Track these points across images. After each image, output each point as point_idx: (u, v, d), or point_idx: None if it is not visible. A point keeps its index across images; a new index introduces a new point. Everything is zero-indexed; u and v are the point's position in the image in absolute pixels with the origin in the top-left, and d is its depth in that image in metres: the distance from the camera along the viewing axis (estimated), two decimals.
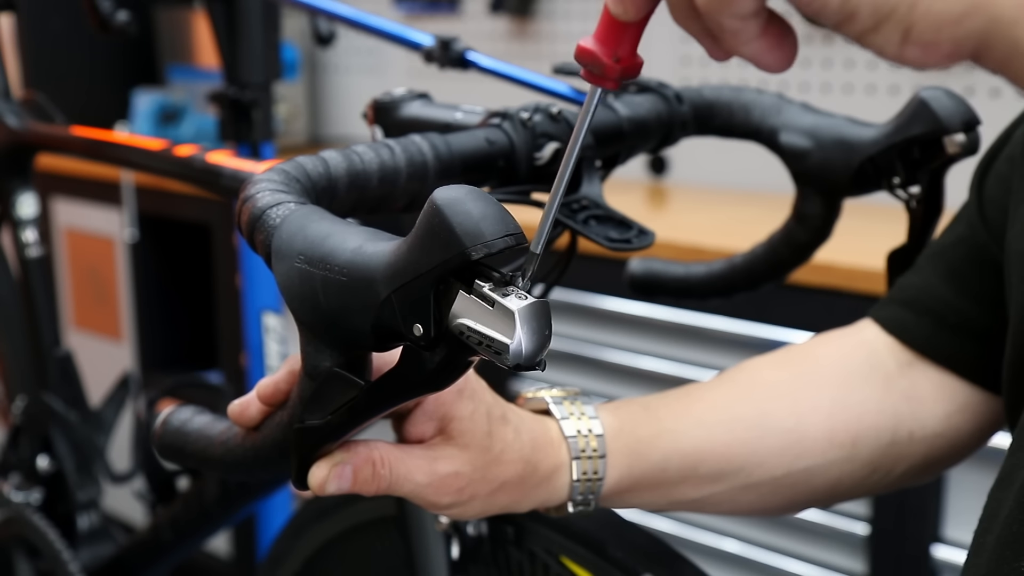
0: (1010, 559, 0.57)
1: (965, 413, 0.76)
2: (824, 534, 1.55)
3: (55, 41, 2.60)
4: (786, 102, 0.84)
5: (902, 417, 0.75)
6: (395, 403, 0.54)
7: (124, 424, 1.69)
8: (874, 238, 1.07)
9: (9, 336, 1.39)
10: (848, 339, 0.79)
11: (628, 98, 0.79)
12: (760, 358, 0.78)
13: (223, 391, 1.38)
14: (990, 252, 0.74)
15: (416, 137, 0.67)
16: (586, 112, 0.52)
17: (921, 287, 0.78)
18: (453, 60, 0.94)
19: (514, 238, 0.47)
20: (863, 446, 0.74)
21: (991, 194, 0.74)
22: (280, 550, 1.00)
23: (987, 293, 0.74)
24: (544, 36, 2.32)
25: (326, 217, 0.53)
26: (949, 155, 0.77)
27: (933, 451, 0.77)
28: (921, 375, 0.77)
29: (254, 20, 1.41)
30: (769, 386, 0.75)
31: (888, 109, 0.75)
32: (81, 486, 1.36)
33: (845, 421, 0.74)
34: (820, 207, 0.83)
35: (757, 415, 0.73)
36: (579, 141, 0.52)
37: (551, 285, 0.79)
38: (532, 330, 0.47)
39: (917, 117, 0.77)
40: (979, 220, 0.75)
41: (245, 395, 0.62)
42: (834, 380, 0.76)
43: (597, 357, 1.75)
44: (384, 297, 0.48)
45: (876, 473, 0.76)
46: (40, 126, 1.30)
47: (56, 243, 2.59)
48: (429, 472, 0.61)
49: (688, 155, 2.09)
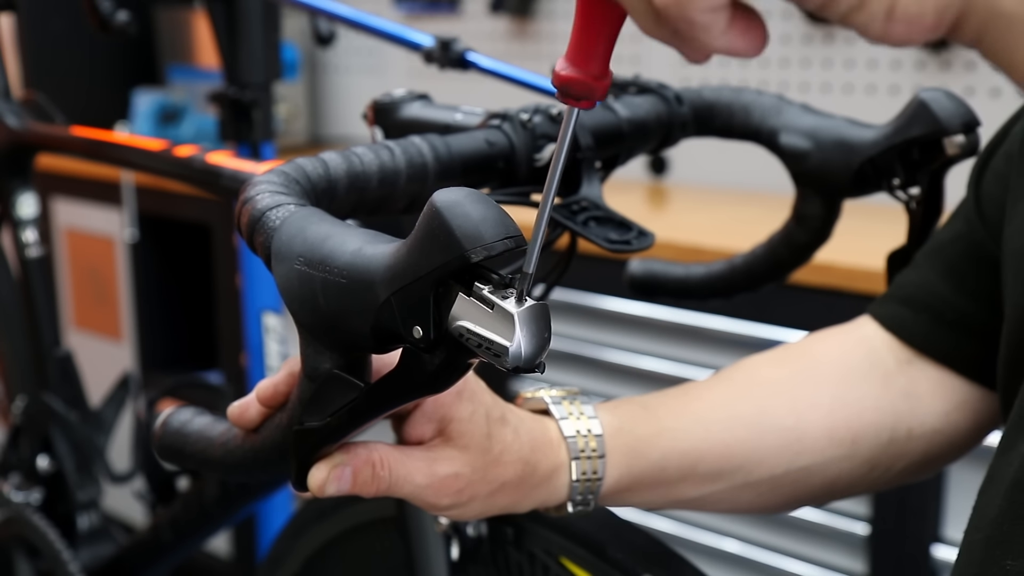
0: (999, 557, 0.57)
1: (964, 410, 0.77)
2: (824, 534, 1.55)
3: (55, 41, 2.60)
4: (786, 103, 0.84)
5: (901, 414, 0.75)
6: (394, 405, 0.54)
7: (124, 424, 1.69)
8: (874, 238, 1.07)
9: (9, 336, 1.39)
10: (847, 336, 0.79)
11: (628, 99, 0.79)
12: (758, 356, 0.78)
13: (223, 391, 1.38)
14: (987, 249, 0.74)
15: (416, 138, 0.67)
16: (564, 133, 0.51)
17: (919, 284, 0.78)
18: (453, 60, 0.94)
19: (513, 240, 0.47)
20: (862, 444, 0.74)
21: (989, 191, 0.74)
22: (280, 550, 1.00)
23: (985, 290, 0.74)
24: (544, 36, 2.32)
25: (326, 219, 0.53)
26: (949, 156, 0.77)
27: (932, 448, 0.77)
28: (920, 372, 0.77)
29: (254, 20, 1.41)
30: (768, 384, 0.75)
31: (888, 109, 0.75)
32: (81, 486, 1.36)
33: (845, 419, 0.74)
34: (820, 208, 0.83)
35: (756, 413, 0.73)
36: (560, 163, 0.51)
37: (551, 286, 0.79)
38: (531, 332, 0.47)
39: (917, 118, 0.77)
40: (976, 217, 0.75)
41: (244, 397, 0.62)
42: (833, 378, 0.76)
43: (597, 357, 1.75)
44: (384, 299, 0.48)
45: (875, 470, 0.76)
46: (40, 126, 1.30)
47: (56, 243, 2.59)
48: (428, 473, 0.61)
49: (688, 155, 2.09)
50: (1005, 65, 0.46)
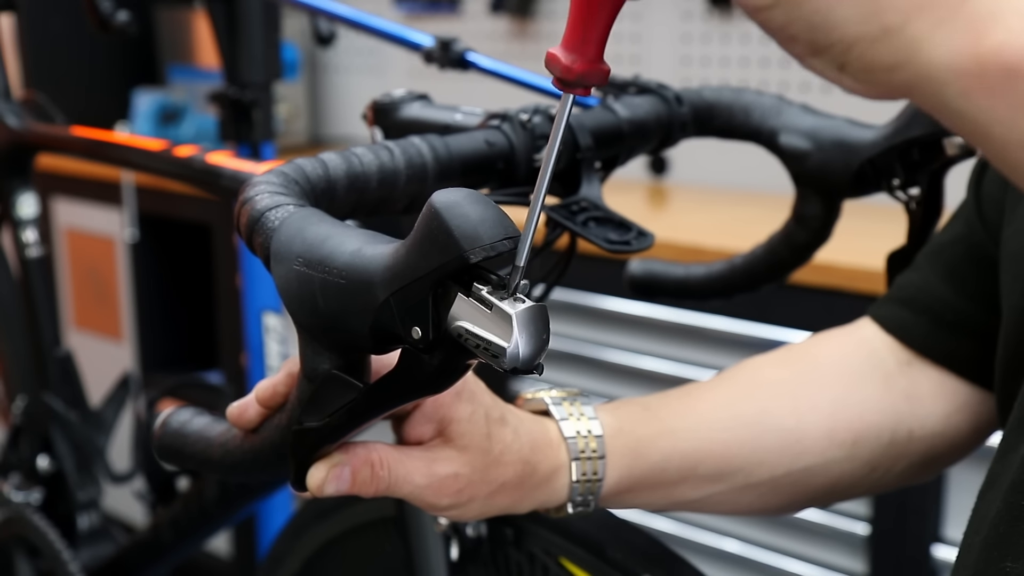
0: (997, 560, 0.57)
1: (964, 412, 0.77)
2: (824, 534, 1.55)
3: (55, 41, 2.60)
4: (786, 103, 0.84)
5: (902, 416, 0.75)
6: (393, 405, 0.54)
7: (124, 424, 1.69)
8: (874, 238, 1.07)
9: (9, 336, 1.39)
10: (848, 338, 0.79)
11: (627, 99, 0.79)
12: (760, 357, 0.78)
13: (223, 391, 1.38)
14: (988, 251, 0.74)
15: (415, 139, 0.67)
16: (560, 120, 0.51)
17: (920, 286, 0.78)
18: (453, 61, 0.94)
19: (512, 241, 0.47)
20: (863, 445, 0.74)
21: (989, 191, 0.74)
22: (280, 550, 1.00)
23: (985, 292, 0.74)
24: (544, 36, 2.32)
25: (325, 219, 0.53)
26: (949, 157, 0.77)
27: (933, 450, 0.77)
28: (920, 374, 0.77)
29: (254, 20, 1.41)
30: (769, 385, 0.75)
31: (888, 111, 0.75)
32: (81, 486, 1.36)
33: (846, 420, 0.74)
34: (820, 208, 0.83)
35: (757, 414, 0.73)
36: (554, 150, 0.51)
37: (550, 286, 0.79)
38: (530, 333, 0.47)
39: (917, 119, 0.77)
40: (977, 218, 0.75)
41: (243, 398, 0.62)
42: (835, 379, 0.76)
43: (597, 357, 1.75)
44: (382, 300, 0.48)
45: (876, 472, 0.76)
46: (40, 126, 1.30)
47: (56, 243, 2.59)
48: (428, 474, 0.61)
49: (688, 155, 2.09)
50: (967, 132, 0.46)
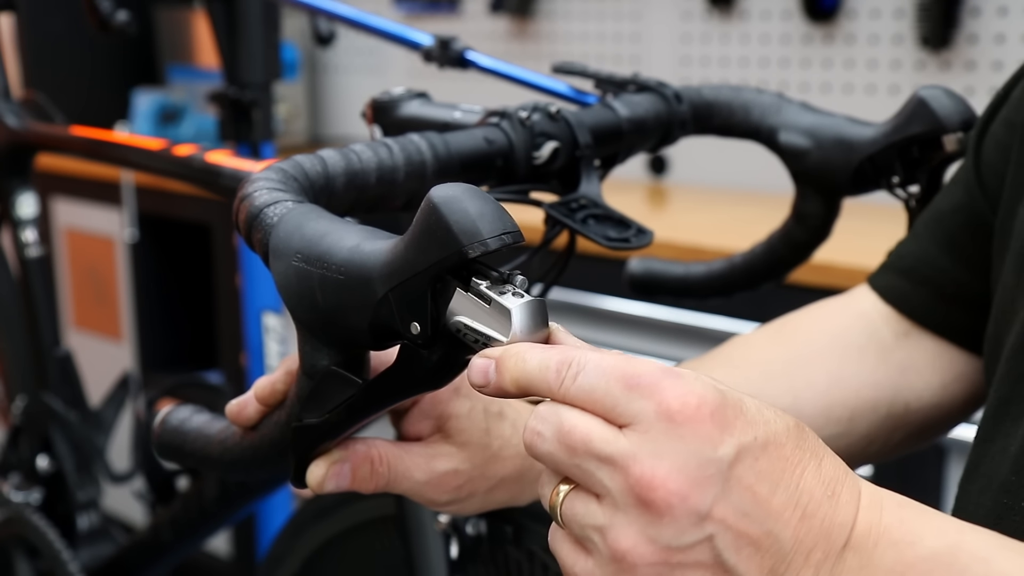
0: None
1: (961, 381, 0.77)
2: None
3: (55, 41, 2.60)
4: (785, 101, 0.84)
5: (899, 389, 0.75)
6: (393, 401, 0.54)
7: (124, 424, 1.69)
8: (874, 238, 1.07)
9: (9, 336, 1.39)
10: (845, 310, 0.79)
11: (627, 97, 0.79)
12: (752, 334, 0.78)
13: (223, 391, 1.38)
14: (987, 219, 0.73)
15: (414, 136, 0.67)
16: None
17: (919, 256, 0.77)
18: (452, 60, 0.94)
19: (511, 236, 0.47)
20: (860, 421, 0.74)
21: (989, 159, 0.73)
22: (280, 550, 1.00)
23: (984, 262, 0.73)
24: (544, 36, 2.32)
25: (324, 216, 0.53)
26: (948, 154, 0.77)
27: (929, 420, 0.77)
28: (918, 345, 0.76)
29: (254, 20, 1.41)
30: (764, 364, 0.75)
31: (888, 109, 0.75)
32: (81, 486, 1.36)
33: (842, 397, 0.74)
34: (819, 206, 0.83)
35: (752, 394, 0.73)
36: None
37: (550, 284, 0.79)
38: (529, 328, 0.47)
39: (916, 116, 0.77)
40: (977, 187, 0.74)
41: (243, 395, 0.62)
42: (830, 355, 0.76)
43: None
44: (381, 295, 0.48)
45: (873, 444, 0.76)
46: (40, 126, 1.30)
47: (56, 243, 2.59)
48: (427, 470, 0.61)
49: (688, 155, 2.09)
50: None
